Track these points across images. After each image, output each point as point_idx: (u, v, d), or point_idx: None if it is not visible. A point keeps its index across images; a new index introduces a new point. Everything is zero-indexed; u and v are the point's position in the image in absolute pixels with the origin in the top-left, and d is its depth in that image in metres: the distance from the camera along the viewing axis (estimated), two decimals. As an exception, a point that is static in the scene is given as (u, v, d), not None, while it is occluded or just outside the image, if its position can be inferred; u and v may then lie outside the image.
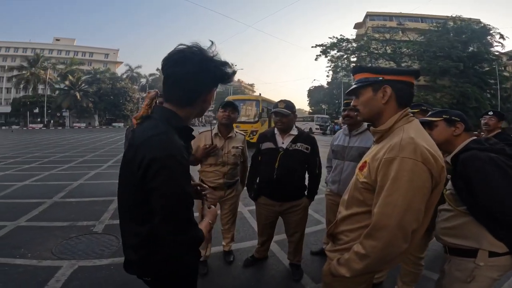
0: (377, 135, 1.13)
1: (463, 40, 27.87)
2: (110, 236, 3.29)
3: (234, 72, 1.04)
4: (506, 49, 31.42)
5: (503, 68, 31.24)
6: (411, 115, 1.10)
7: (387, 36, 30.28)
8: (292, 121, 2.30)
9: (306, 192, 2.43)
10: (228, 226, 2.73)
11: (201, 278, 2.42)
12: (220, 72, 0.99)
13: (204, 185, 1.42)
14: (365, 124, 2.32)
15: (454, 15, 30.70)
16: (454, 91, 26.35)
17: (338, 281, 1.14)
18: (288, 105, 2.27)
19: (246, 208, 4.25)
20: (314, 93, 50.39)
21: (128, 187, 0.96)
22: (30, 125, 38.56)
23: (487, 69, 28.95)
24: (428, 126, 1.50)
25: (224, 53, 1.00)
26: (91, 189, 5.43)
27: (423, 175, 0.94)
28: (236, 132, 2.61)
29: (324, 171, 2.54)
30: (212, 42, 0.99)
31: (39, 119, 41.60)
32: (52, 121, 42.11)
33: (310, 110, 52.55)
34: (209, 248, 2.63)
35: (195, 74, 0.93)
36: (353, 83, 1.18)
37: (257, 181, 2.49)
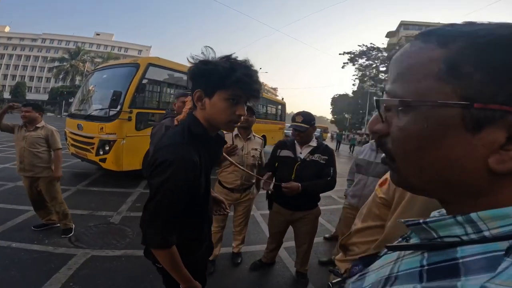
0: None
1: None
2: (126, 228, 3.34)
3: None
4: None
5: None
6: None
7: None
8: (311, 133, 2.24)
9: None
10: (240, 228, 2.77)
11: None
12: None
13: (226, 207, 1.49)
14: None
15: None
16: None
17: None
18: (306, 119, 2.20)
19: (259, 212, 4.28)
20: (338, 102, 49.01)
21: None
22: (64, 113, 40.99)
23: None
24: None
25: (250, 56, 1.06)
26: (112, 179, 5.51)
27: None
28: (254, 135, 2.66)
29: (341, 181, 2.40)
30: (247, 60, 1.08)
31: (73, 109, 44.04)
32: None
33: (332, 119, 51.54)
34: (218, 248, 2.68)
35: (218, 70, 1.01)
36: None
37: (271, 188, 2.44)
